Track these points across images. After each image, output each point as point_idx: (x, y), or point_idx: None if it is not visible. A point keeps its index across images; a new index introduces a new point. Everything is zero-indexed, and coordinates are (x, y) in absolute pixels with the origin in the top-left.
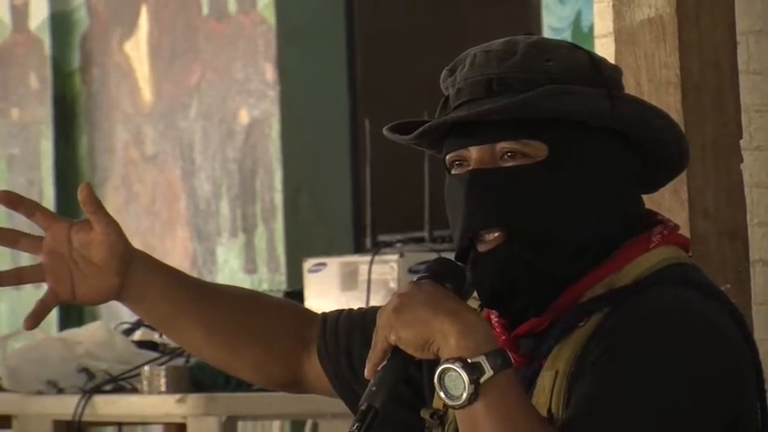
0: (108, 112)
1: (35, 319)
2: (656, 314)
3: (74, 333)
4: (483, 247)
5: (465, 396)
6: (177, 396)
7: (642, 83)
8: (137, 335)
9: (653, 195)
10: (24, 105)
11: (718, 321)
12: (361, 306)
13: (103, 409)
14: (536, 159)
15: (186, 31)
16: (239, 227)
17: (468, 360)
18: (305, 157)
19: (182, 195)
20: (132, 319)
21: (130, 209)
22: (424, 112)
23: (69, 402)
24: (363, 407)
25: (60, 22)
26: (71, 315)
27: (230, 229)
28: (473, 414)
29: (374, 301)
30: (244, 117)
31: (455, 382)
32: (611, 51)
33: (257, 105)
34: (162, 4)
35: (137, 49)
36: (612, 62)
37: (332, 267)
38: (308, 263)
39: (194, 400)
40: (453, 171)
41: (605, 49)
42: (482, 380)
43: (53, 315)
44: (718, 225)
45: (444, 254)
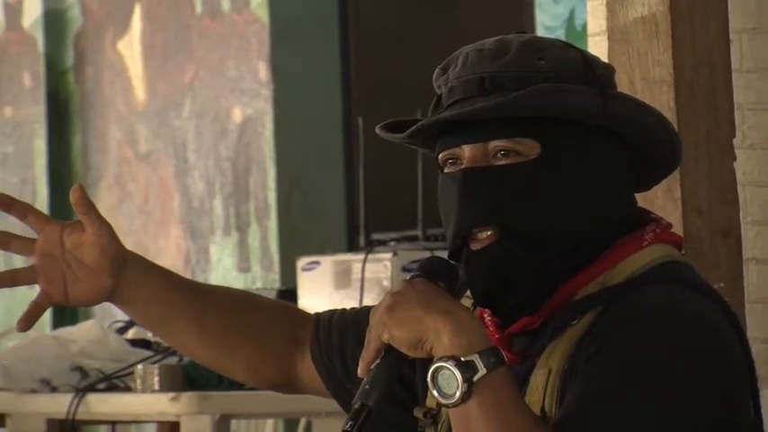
0: (101, 111)
1: (28, 321)
2: (649, 313)
3: (67, 331)
4: (476, 245)
5: (458, 395)
6: (171, 394)
7: (635, 81)
8: (130, 333)
9: (646, 194)
10: (18, 104)
11: (711, 320)
12: (355, 305)
13: (97, 407)
14: (529, 158)
15: (179, 30)
16: (233, 225)
17: (462, 358)
18: (298, 155)
19: (175, 194)
20: (126, 317)
21: (124, 207)
22: (418, 111)
23: (63, 401)
24: (356, 405)
25: (54, 20)
26: (65, 314)
27: (224, 228)
28: (466, 412)
29: (368, 300)
30: (237, 115)
31: (448, 381)
32: (604, 50)
33: (250, 104)
34: (155, 3)
35: (130, 47)
36: (606, 61)
37: (325, 266)
38: (301, 261)
39: (188, 398)
40: (446, 170)
41: (599, 47)
42: (475, 378)
43: (47, 313)
44: (711, 223)
45: (438, 252)
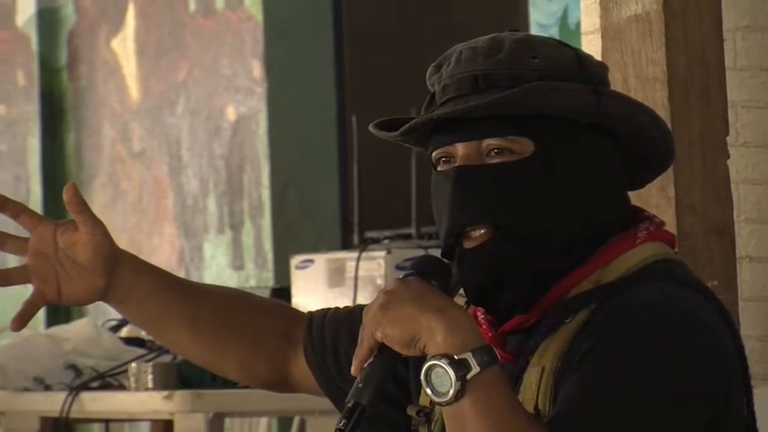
0: (95, 109)
1: (22, 320)
2: (643, 310)
3: (61, 330)
4: (469, 243)
5: (452, 393)
6: (164, 393)
7: (629, 79)
8: (124, 331)
9: (640, 192)
10: (11, 102)
11: (705, 318)
12: (349, 303)
13: (90, 405)
14: (522, 156)
15: (173, 28)
16: (226, 223)
17: (455, 356)
18: (292, 153)
19: (169, 192)
20: (119, 316)
21: (118, 206)
22: (412, 109)
23: (56, 399)
24: (350, 404)
25: (47, 18)
26: (58, 312)
27: (217, 226)
28: (460, 410)
29: (361, 298)
30: (231, 114)
31: (441, 379)
32: (597, 48)
33: (244, 102)
34: (149, 1)
35: (124, 45)
36: (599, 59)
37: (319, 264)
38: (295, 259)
39: (181, 396)
40: (439, 168)
41: (592, 45)
42: (469, 376)
43: (40, 312)
44: (705, 221)
45: (431, 250)
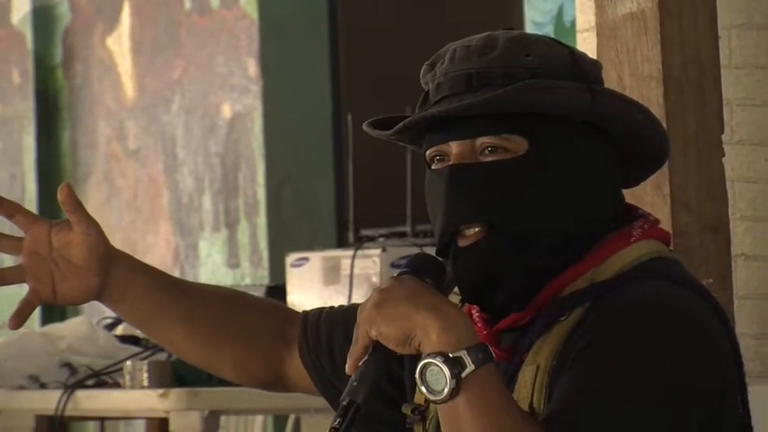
0: (90, 107)
1: (20, 318)
2: (637, 308)
3: (56, 328)
4: (463, 242)
5: (446, 391)
6: (160, 391)
7: (624, 77)
8: (119, 329)
9: (635, 190)
10: (6, 100)
11: (700, 316)
12: (344, 301)
13: (86, 403)
14: (516, 154)
15: (168, 26)
16: (222, 221)
17: (450, 354)
18: (287, 151)
19: (164, 190)
20: (114, 314)
21: (113, 204)
22: (407, 107)
23: (51, 397)
24: (345, 402)
25: (42, 16)
26: (53, 310)
27: (213, 224)
28: (455, 408)
29: (357, 296)
30: (226, 111)
31: (436, 377)
32: (593, 46)
33: (240, 100)
34: None
35: (119, 43)
36: (594, 57)
37: (314, 262)
38: (290, 257)
39: (177, 394)
40: (434, 166)
41: (587, 43)
42: (463, 374)
43: (36, 310)
44: (700, 219)
45: (427, 248)
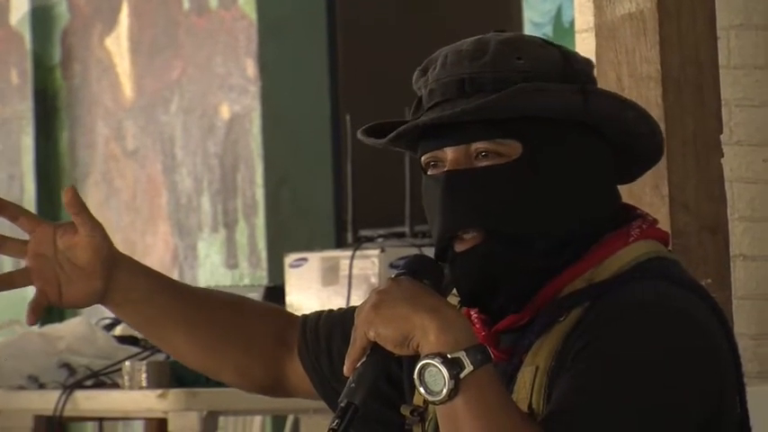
0: (89, 107)
1: (35, 315)
2: (636, 308)
3: (55, 328)
4: (461, 246)
5: (445, 391)
6: (158, 391)
7: (623, 78)
8: (118, 330)
9: (634, 190)
10: (5, 100)
11: (698, 316)
12: (342, 301)
13: (84, 404)
14: (511, 158)
15: (167, 26)
16: (220, 222)
17: (448, 355)
18: (286, 152)
19: (163, 190)
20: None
21: (111, 204)
22: (406, 108)
23: (50, 397)
24: (343, 404)
25: (41, 16)
26: (52, 310)
27: (211, 225)
28: (453, 409)
29: (355, 296)
30: (225, 112)
31: (435, 378)
32: (591, 46)
33: (238, 100)
34: (143, 0)
35: (118, 44)
36: (593, 57)
37: (313, 262)
38: (289, 258)
39: (175, 395)
40: (429, 172)
41: (586, 44)
42: (462, 375)
43: None
44: (698, 220)
45: (425, 249)
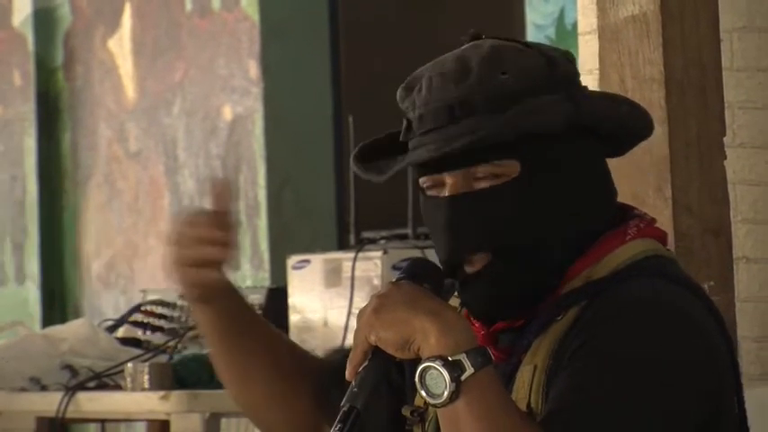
0: (91, 109)
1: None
2: (633, 306)
3: (57, 330)
4: (470, 268)
5: (446, 394)
6: (161, 393)
7: (626, 80)
8: (120, 332)
9: (637, 192)
10: (7, 102)
11: (695, 314)
12: (345, 303)
13: (87, 405)
14: (510, 177)
15: (169, 28)
16: None
17: (449, 358)
18: (288, 153)
19: (165, 192)
20: (116, 316)
21: (114, 206)
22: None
23: (52, 399)
24: (345, 408)
25: (43, 18)
26: (54, 312)
27: None
28: (455, 412)
29: (358, 298)
30: (227, 113)
31: (436, 381)
32: (594, 48)
33: (241, 102)
34: (145, 1)
35: (120, 45)
36: (596, 59)
37: (315, 264)
38: (291, 259)
39: (178, 396)
40: (429, 193)
41: (589, 46)
42: (463, 377)
43: (36, 311)
44: (701, 222)
45: (428, 251)
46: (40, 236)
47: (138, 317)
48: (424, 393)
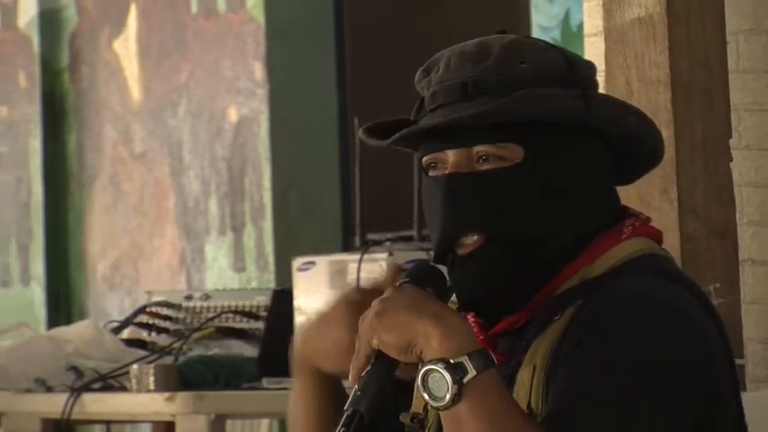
0: (97, 111)
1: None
2: (628, 304)
3: (62, 331)
4: (462, 250)
5: (449, 397)
6: (166, 394)
7: (632, 82)
8: (125, 333)
9: (643, 195)
10: (13, 103)
11: (690, 310)
12: None
13: (92, 407)
14: (512, 162)
15: (175, 30)
16: (228, 225)
17: (451, 360)
18: (294, 155)
19: (170, 194)
20: (121, 317)
21: (119, 207)
22: (413, 111)
23: (58, 400)
24: (349, 412)
25: (49, 19)
26: (59, 313)
27: (219, 228)
28: (457, 414)
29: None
30: (232, 115)
31: (438, 383)
32: (600, 50)
33: (246, 103)
34: (151, 3)
35: (126, 47)
36: (602, 61)
37: (321, 266)
38: (296, 261)
39: (183, 398)
40: (430, 173)
41: (595, 48)
42: (465, 380)
43: (42, 313)
44: (707, 224)
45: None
46: (46, 237)
47: (144, 318)
48: (426, 396)
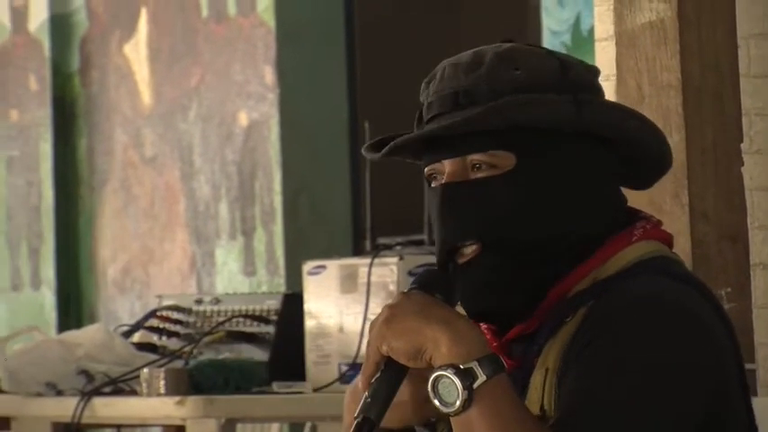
0: (107, 115)
1: None
2: (636, 304)
3: (73, 335)
4: (462, 259)
5: (459, 402)
6: (176, 398)
7: (643, 86)
8: (136, 337)
9: (654, 199)
10: (23, 107)
11: (699, 311)
12: (361, 309)
13: (102, 411)
14: (505, 169)
15: (185, 34)
16: (238, 229)
17: (461, 366)
18: (304, 159)
19: (181, 198)
20: (131, 321)
21: (129, 211)
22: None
23: (68, 404)
24: (359, 419)
25: (60, 23)
26: (70, 317)
27: (229, 232)
28: (468, 420)
29: (373, 304)
30: (243, 119)
31: (448, 389)
32: (611, 55)
33: (256, 108)
34: (161, 7)
35: (136, 51)
36: (613, 66)
37: (331, 270)
38: (307, 265)
39: (193, 402)
40: (432, 183)
41: (606, 52)
42: (475, 385)
43: (52, 317)
44: (718, 229)
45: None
46: (56, 241)
47: (154, 322)
48: (437, 402)
